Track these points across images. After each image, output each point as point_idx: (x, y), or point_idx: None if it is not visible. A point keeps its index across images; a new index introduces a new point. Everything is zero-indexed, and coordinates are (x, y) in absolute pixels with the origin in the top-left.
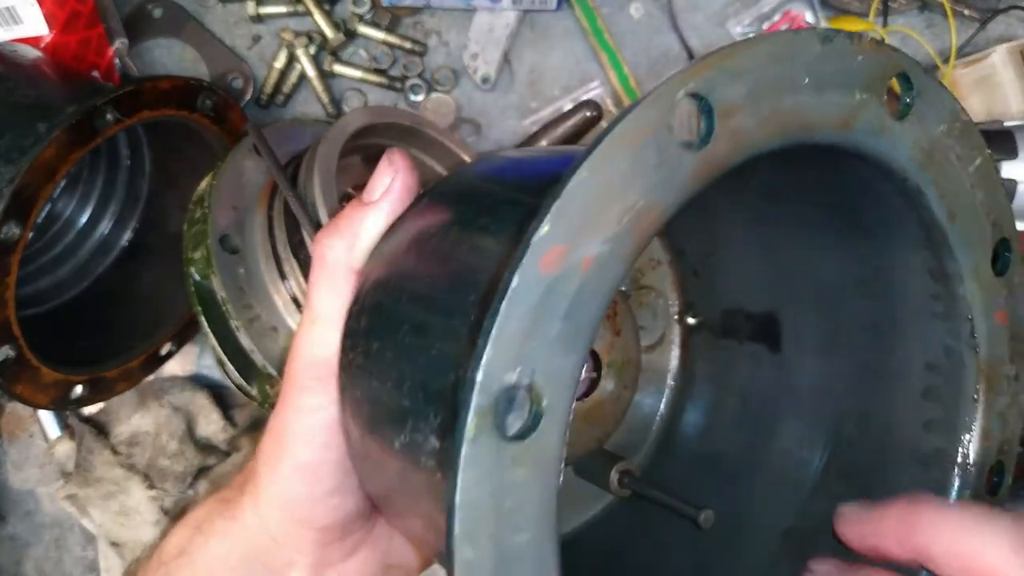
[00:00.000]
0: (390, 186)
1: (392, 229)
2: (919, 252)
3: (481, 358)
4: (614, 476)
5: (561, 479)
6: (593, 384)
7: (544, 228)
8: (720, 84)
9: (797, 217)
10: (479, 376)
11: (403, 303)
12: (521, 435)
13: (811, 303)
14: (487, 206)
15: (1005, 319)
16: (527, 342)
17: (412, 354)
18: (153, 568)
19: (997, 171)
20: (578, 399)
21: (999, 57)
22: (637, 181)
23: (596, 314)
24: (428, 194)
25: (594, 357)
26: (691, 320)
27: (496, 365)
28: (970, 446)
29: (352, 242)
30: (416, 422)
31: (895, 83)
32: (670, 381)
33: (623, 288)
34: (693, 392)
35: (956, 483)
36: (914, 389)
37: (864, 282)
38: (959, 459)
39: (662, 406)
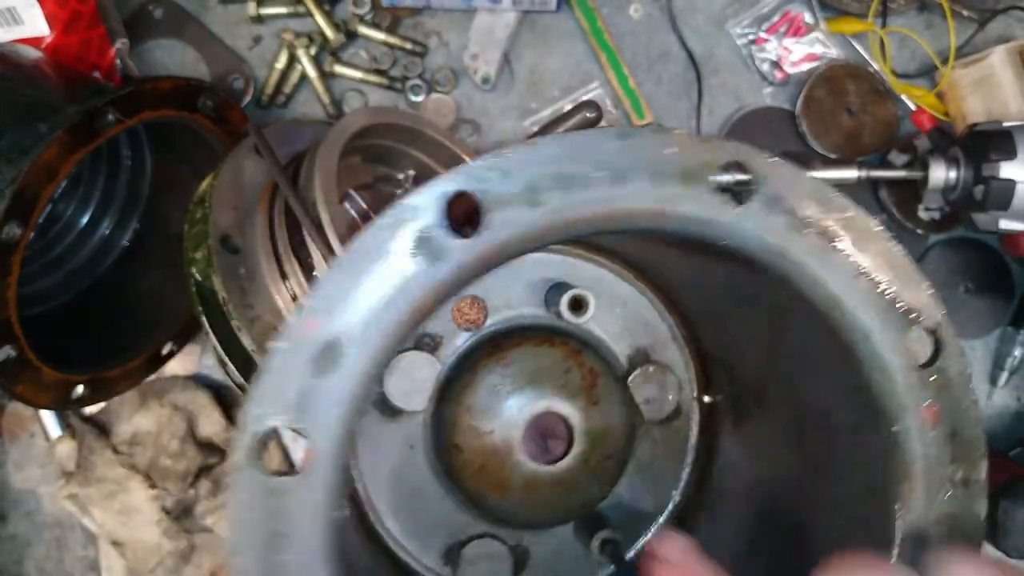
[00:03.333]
0: None
1: None
2: (825, 340)
3: (247, 403)
4: (595, 543)
5: (340, 512)
6: (564, 451)
7: (308, 300)
8: (489, 181)
9: (761, 312)
10: (243, 417)
11: None
12: (286, 471)
13: (783, 386)
14: None
15: (935, 416)
16: (289, 393)
17: None
18: None
19: (903, 254)
20: (549, 463)
21: (998, 58)
22: (396, 265)
23: (359, 373)
24: None
25: (566, 426)
26: (707, 398)
27: (258, 410)
28: (895, 550)
29: None
30: None
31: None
32: (688, 456)
33: (623, 362)
34: (713, 466)
35: None
36: (854, 484)
37: (808, 371)
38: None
39: (683, 479)
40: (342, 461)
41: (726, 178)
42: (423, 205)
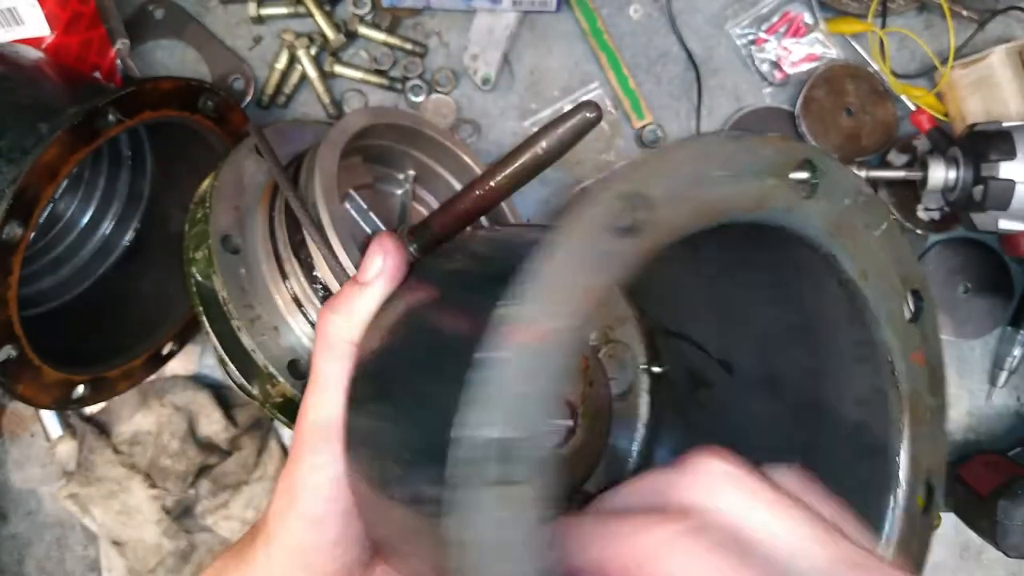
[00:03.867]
0: (381, 267)
1: (386, 304)
2: (841, 305)
3: (465, 418)
4: None
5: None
6: (570, 432)
7: (509, 308)
8: (646, 185)
9: (743, 283)
10: (464, 432)
11: (398, 373)
12: (503, 482)
13: (755, 351)
14: (466, 288)
15: (922, 359)
16: (503, 402)
17: (408, 416)
18: None
19: (900, 231)
20: (557, 447)
21: (997, 58)
22: (585, 267)
23: (561, 374)
24: (416, 273)
25: (570, 408)
26: (656, 369)
27: (477, 424)
28: (900, 472)
29: (349, 318)
30: (416, 475)
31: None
32: (640, 426)
33: (593, 342)
34: (662, 434)
35: (890, 504)
36: (847, 423)
37: (799, 333)
38: (891, 484)
39: (634, 449)
40: (552, 462)
41: (802, 174)
42: (599, 210)
